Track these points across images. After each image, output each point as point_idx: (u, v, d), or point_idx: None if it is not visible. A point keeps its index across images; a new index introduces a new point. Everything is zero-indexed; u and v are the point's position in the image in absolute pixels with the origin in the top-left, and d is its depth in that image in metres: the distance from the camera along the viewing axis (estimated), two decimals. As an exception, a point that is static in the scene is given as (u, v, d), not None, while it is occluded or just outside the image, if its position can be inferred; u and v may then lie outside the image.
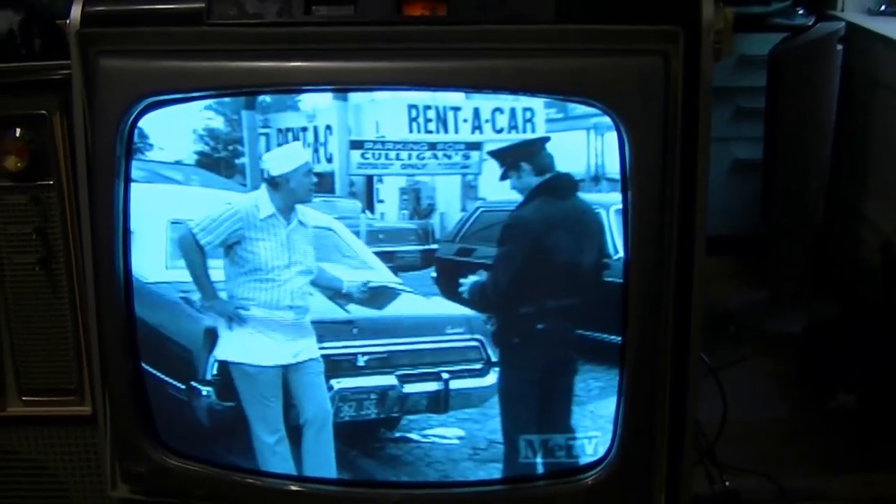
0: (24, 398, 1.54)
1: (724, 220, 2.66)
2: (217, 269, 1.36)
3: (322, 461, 1.38)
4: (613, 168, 1.29)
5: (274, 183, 1.32)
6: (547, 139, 1.29)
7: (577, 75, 1.27)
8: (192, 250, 1.34)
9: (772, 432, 2.24)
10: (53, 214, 1.46)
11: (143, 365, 1.40)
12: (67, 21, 1.36)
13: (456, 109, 1.30)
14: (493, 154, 1.30)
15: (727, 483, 1.97)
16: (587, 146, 1.30)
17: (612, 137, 1.27)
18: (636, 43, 1.29)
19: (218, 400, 1.37)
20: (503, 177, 1.30)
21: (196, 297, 1.36)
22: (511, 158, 1.30)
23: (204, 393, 1.37)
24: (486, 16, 1.32)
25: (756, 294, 2.83)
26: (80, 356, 1.49)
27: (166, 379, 1.39)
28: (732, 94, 2.83)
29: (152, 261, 1.36)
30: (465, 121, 1.30)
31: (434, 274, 1.33)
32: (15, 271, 1.49)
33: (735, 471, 1.98)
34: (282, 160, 1.32)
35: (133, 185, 1.35)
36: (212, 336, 1.36)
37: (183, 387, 1.38)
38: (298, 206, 1.34)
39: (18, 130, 1.46)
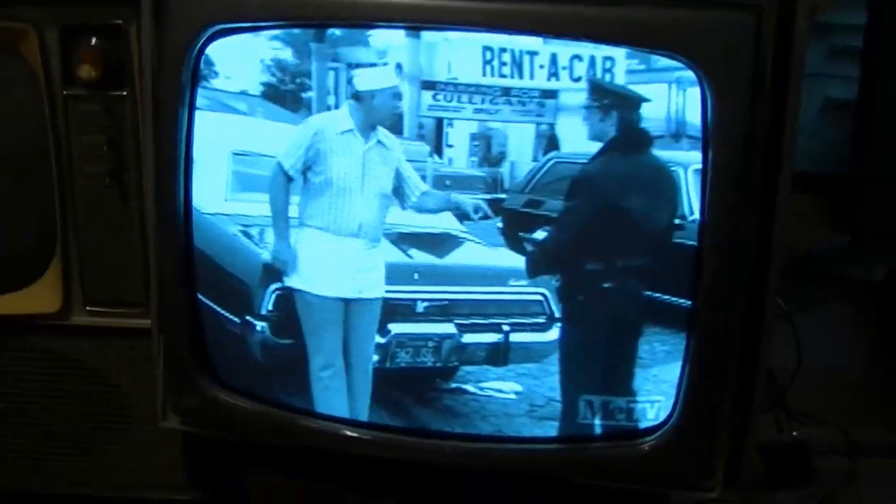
0: (88, 308, 1.51)
1: (812, 157, 2.58)
2: (294, 205, 1.32)
3: (364, 405, 1.34)
4: (695, 125, 1.22)
5: (358, 97, 1.27)
6: (646, 100, 1.22)
7: (662, 27, 1.20)
8: (278, 185, 1.31)
9: (846, 383, 2.16)
10: (126, 126, 1.42)
11: (200, 296, 1.37)
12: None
13: (532, 54, 1.24)
14: (593, 84, 1.23)
15: (795, 434, 1.92)
16: (668, 101, 1.23)
17: (695, 93, 1.20)
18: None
19: (272, 336, 1.35)
20: (587, 107, 1.23)
21: (255, 231, 1.33)
22: (607, 100, 1.23)
23: (258, 328, 1.34)
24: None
25: (838, 237, 2.75)
26: (146, 270, 1.46)
27: (221, 312, 1.37)
28: (829, 31, 2.73)
29: (212, 191, 1.33)
30: (542, 67, 1.24)
31: (500, 224, 1.28)
32: (85, 181, 1.45)
33: (805, 419, 1.92)
34: (372, 77, 1.28)
35: (197, 113, 1.32)
36: (269, 271, 1.32)
37: (238, 321, 1.35)
38: (380, 128, 1.29)
39: (94, 39, 1.41)
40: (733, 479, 1.37)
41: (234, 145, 1.32)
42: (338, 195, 1.31)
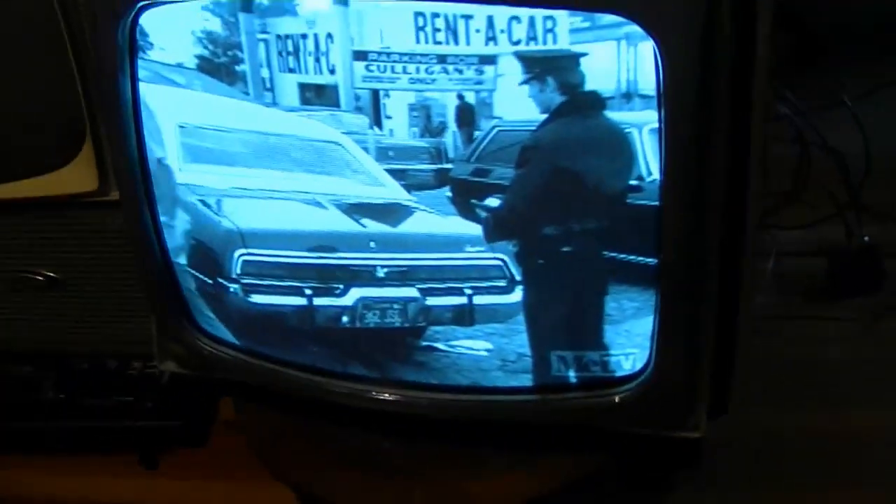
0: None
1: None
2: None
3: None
4: (648, 83, 1.13)
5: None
6: (583, 55, 1.13)
7: (602, -16, 1.09)
8: None
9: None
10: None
11: (173, 258, 1.37)
12: None
13: (467, 18, 1.15)
14: (521, 58, 1.15)
15: (867, 238, 1.85)
16: (617, 59, 1.14)
17: (646, 48, 1.10)
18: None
19: (245, 296, 1.34)
20: (524, 83, 1.15)
21: (213, 200, 1.30)
22: (539, 69, 1.15)
23: (231, 290, 1.34)
24: None
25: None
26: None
27: (194, 273, 1.36)
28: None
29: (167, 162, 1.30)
30: (478, 31, 1.15)
31: (449, 193, 1.23)
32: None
33: (876, 217, 1.85)
34: None
35: (140, 84, 1.28)
36: (232, 236, 1.31)
37: (211, 282, 1.35)
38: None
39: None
40: (719, 411, 1.34)
41: (179, 118, 1.28)
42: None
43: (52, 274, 1.65)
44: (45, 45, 1.41)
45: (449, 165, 1.21)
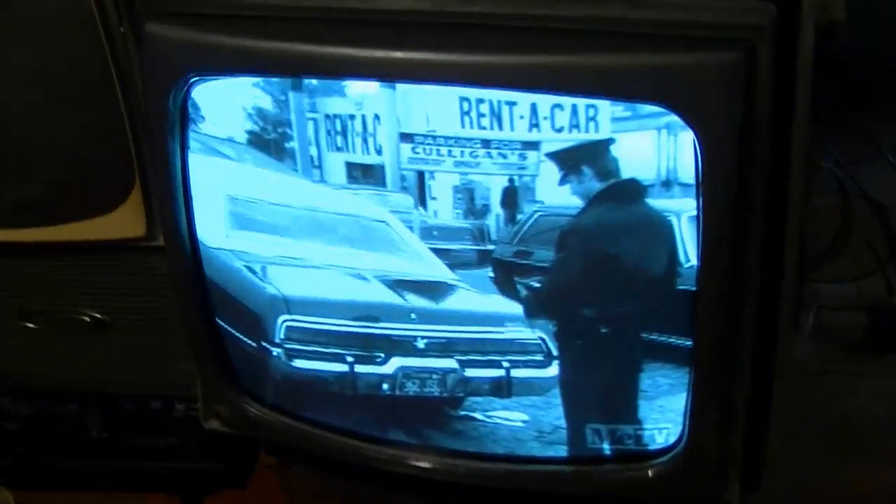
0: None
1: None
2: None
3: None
4: (687, 171, 1.15)
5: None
6: (612, 141, 1.16)
7: (642, 76, 1.12)
8: None
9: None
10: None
11: (218, 320, 1.40)
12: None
13: (511, 104, 1.18)
14: (552, 156, 1.18)
15: None
16: (657, 148, 1.16)
17: (686, 137, 1.13)
18: (714, 31, 1.11)
19: (287, 361, 1.37)
20: (562, 181, 1.18)
21: (258, 267, 1.34)
22: (571, 161, 1.18)
23: (275, 353, 1.37)
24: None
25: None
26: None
27: (239, 336, 1.40)
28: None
29: (213, 227, 1.34)
30: (522, 117, 1.18)
31: (491, 273, 1.25)
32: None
33: None
34: None
35: (190, 154, 1.31)
36: (277, 302, 1.34)
37: (255, 345, 1.38)
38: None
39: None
40: (753, 486, 1.36)
41: (228, 189, 1.31)
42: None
43: (99, 315, 1.67)
44: (95, 91, 1.43)
45: (491, 246, 1.24)
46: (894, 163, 1.81)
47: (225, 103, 1.27)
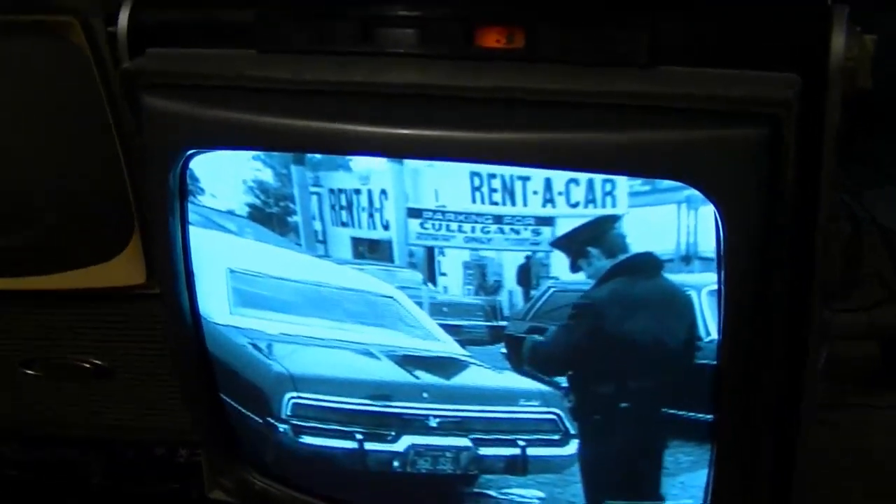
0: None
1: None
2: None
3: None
4: (708, 245, 1.11)
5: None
6: (615, 218, 1.12)
7: (662, 152, 1.07)
8: None
9: None
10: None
11: (222, 395, 1.36)
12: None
13: (524, 179, 1.13)
14: (556, 245, 1.14)
15: None
16: (677, 222, 1.11)
17: (707, 211, 1.08)
18: (737, 105, 1.07)
19: (295, 437, 1.32)
20: (573, 268, 1.14)
21: (264, 345, 1.29)
22: (575, 246, 1.13)
23: (281, 429, 1.32)
24: (568, 51, 1.12)
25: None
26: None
27: (244, 411, 1.35)
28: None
29: (216, 303, 1.29)
30: (535, 193, 1.13)
31: (504, 350, 1.21)
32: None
33: None
34: None
35: (190, 227, 1.26)
36: (283, 379, 1.29)
37: (261, 421, 1.34)
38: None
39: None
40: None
41: (230, 263, 1.26)
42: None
43: (99, 362, 1.64)
44: (93, 140, 1.40)
45: (504, 323, 1.19)
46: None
47: (225, 176, 1.22)
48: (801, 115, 1.08)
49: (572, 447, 1.24)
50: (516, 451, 1.26)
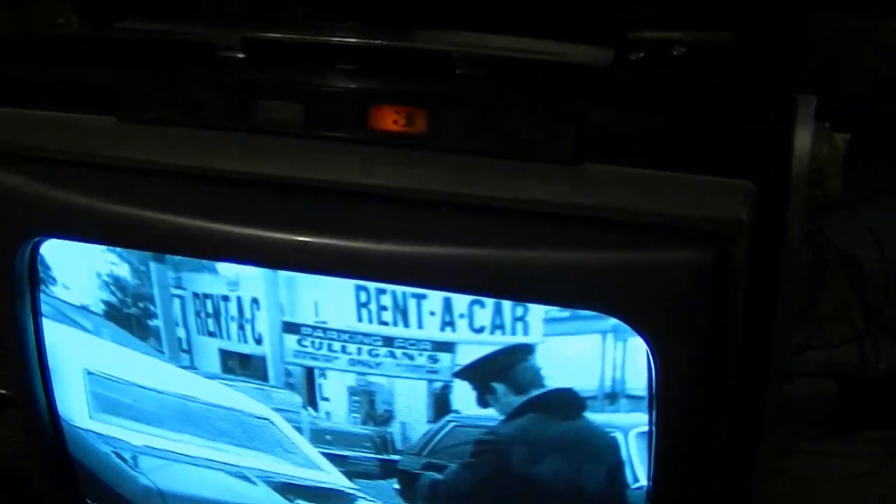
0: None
1: None
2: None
3: None
4: (637, 382, 0.92)
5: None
6: (527, 348, 0.93)
7: (583, 280, 0.88)
8: None
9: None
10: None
11: (88, 501, 1.18)
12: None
13: (420, 297, 0.94)
14: (459, 376, 0.95)
15: (882, 365, 1.64)
16: (602, 355, 0.93)
17: (637, 343, 0.89)
18: (676, 222, 0.88)
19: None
20: (480, 402, 0.95)
21: (128, 455, 1.11)
22: (479, 380, 0.95)
23: (153, 542, 1.15)
24: (475, 140, 0.92)
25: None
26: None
27: (111, 520, 1.17)
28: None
29: (76, 406, 1.11)
30: (433, 314, 0.94)
31: (397, 486, 1.02)
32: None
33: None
34: None
35: (43, 320, 1.08)
36: (152, 494, 1.11)
37: (131, 532, 1.16)
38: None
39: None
40: None
41: (86, 364, 1.08)
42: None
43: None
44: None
45: (396, 457, 1.01)
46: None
47: (77, 266, 1.04)
48: (754, 228, 0.89)
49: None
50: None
